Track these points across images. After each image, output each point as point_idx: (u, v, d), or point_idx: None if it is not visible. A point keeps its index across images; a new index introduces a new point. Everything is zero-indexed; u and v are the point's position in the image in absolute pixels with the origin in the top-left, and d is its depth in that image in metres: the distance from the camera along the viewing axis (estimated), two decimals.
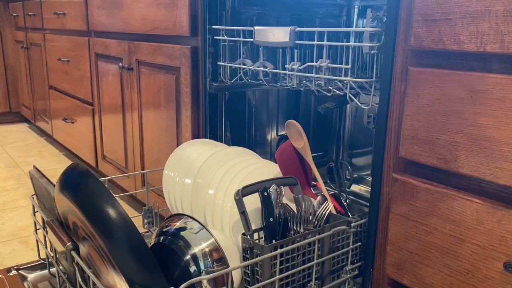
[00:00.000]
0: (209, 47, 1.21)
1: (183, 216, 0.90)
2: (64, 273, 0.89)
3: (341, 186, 1.24)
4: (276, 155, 1.04)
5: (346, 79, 0.90)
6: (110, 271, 0.73)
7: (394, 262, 0.85)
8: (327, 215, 0.90)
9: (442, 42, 0.71)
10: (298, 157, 1.07)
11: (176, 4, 1.29)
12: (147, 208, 1.15)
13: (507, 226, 0.67)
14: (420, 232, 0.79)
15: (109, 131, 1.93)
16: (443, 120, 0.73)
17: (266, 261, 0.80)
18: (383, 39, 0.83)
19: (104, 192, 0.72)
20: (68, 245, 0.79)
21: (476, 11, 0.66)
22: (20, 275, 1.08)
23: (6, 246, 1.58)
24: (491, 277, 0.70)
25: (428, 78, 0.74)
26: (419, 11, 0.73)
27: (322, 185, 1.03)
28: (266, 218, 0.85)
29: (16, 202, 1.96)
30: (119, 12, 1.62)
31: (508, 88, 0.64)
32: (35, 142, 2.93)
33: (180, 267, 0.82)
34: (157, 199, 1.23)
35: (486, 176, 0.69)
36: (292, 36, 0.98)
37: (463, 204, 0.72)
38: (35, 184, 0.96)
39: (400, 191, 0.81)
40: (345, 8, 1.38)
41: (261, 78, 1.10)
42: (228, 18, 1.23)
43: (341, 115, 1.46)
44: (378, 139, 0.86)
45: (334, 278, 0.93)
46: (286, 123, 1.06)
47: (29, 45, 2.87)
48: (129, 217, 0.71)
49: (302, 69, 0.99)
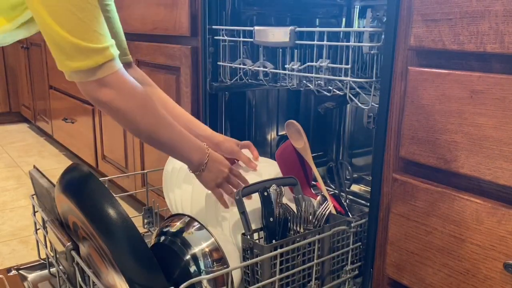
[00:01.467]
0: (209, 47, 1.21)
1: (183, 216, 0.90)
2: (64, 273, 0.89)
3: (341, 186, 1.24)
4: (276, 155, 1.04)
5: (346, 79, 0.90)
6: (110, 271, 0.73)
7: (394, 262, 0.85)
8: (327, 215, 0.90)
9: (442, 42, 0.71)
10: (298, 157, 1.07)
11: (176, 4, 1.29)
12: (147, 208, 1.15)
13: (507, 226, 0.67)
14: (420, 232, 0.79)
15: (109, 131, 1.93)
16: (443, 120, 0.73)
17: (266, 261, 0.80)
18: (383, 39, 0.83)
19: (104, 192, 0.72)
20: (68, 245, 0.79)
21: (476, 11, 0.66)
22: (20, 275, 1.08)
23: (6, 246, 1.58)
24: (491, 277, 0.70)
25: (428, 78, 0.74)
26: (419, 11, 0.73)
27: (322, 185, 1.03)
28: (266, 218, 0.85)
29: (16, 202, 1.96)
30: (119, 12, 1.61)
31: (508, 88, 0.64)
32: (35, 142, 2.93)
33: (180, 267, 0.82)
34: (157, 199, 1.23)
35: (486, 176, 0.69)
36: (292, 36, 0.98)
37: (463, 204, 0.72)
38: (35, 184, 0.96)
39: (400, 191, 0.81)
40: (345, 8, 1.37)
41: (261, 78, 1.11)
42: (228, 18, 1.23)
43: (341, 115, 1.46)
44: (378, 139, 0.86)
45: (334, 278, 0.93)
46: (286, 123, 1.06)
47: (29, 45, 2.87)
48: (129, 217, 0.71)
49: (302, 69, 0.99)
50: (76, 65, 0.72)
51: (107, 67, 0.74)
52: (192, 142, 0.88)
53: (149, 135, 0.82)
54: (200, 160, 0.89)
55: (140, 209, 1.18)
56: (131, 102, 0.77)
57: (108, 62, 0.74)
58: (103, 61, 0.73)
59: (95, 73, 0.73)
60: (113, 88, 0.75)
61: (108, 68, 0.74)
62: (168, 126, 0.84)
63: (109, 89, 0.75)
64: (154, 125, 0.81)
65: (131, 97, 0.77)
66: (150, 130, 0.81)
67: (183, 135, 0.87)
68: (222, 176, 0.92)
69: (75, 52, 0.71)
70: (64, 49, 0.71)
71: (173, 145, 0.86)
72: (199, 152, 0.89)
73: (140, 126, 0.80)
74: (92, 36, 0.71)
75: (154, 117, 0.81)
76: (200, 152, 0.89)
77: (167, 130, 0.83)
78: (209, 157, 0.90)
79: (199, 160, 0.88)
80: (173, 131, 0.85)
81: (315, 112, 1.50)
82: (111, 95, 0.75)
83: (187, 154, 0.87)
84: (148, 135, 0.82)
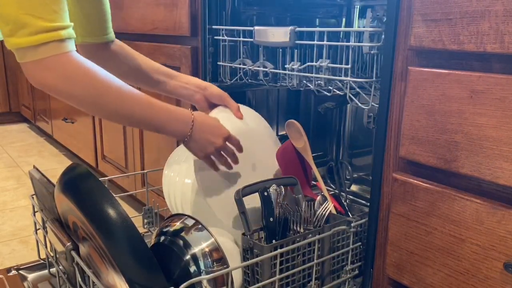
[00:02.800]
0: (209, 47, 1.21)
1: (183, 216, 0.89)
2: (64, 273, 0.89)
3: (341, 186, 1.24)
4: (276, 155, 1.04)
5: (346, 79, 0.90)
6: (110, 271, 0.73)
7: (394, 262, 0.85)
8: (327, 215, 0.90)
9: (442, 42, 0.71)
10: (298, 157, 1.07)
11: (176, 4, 1.29)
12: (147, 208, 1.15)
13: (507, 226, 0.67)
14: (420, 232, 0.79)
15: (109, 131, 1.93)
16: (443, 120, 0.73)
17: (266, 261, 0.80)
18: (383, 39, 0.83)
19: (104, 192, 0.72)
20: (68, 245, 0.79)
21: (476, 11, 0.66)
22: (20, 275, 1.08)
23: (6, 246, 1.58)
24: (491, 277, 0.70)
25: (428, 78, 0.74)
26: (419, 11, 0.73)
27: (322, 185, 1.03)
28: (266, 218, 0.85)
29: (16, 202, 1.96)
30: (119, 12, 1.62)
31: (508, 88, 0.64)
32: (35, 142, 2.93)
33: (180, 267, 0.82)
34: (157, 199, 1.23)
35: (486, 176, 0.69)
36: (292, 36, 0.98)
37: (463, 204, 0.72)
38: (35, 184, 0.96)
39: (400, 191, 0.81)
40: (345, 8, 1.37)
41: (261, 78, 1.11)
42: (228, 18, 1.23)
43: (341, 115, 1.46)
44: (378, 139, 0.86)
45: (334, 278, 0.93)
46: (287, 123, 1.06)
47: None
48: (129, 217, 0.71)
49: (302, 69, 0.99)
50: (17, 42, 0.66)
51: (51, 47, 0.67)
52: (170, 113, 0.83)
53: (111, 117, 0.78)
54: (183, 132, 0.84)
55: (140, 209, 1.18)
56: (79, 87, 0.71)
57: (54, 42, 0.67)
58: (47, 40, 0.67)
59: (37, 51, 0.67)
60: (56, 72, 0.69)
61: (52, 49, 0.67)
62: (135, 104, 0.78)
63: (51, 72, 0.69)
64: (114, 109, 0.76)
65: (78, 82, 0.71)
66: (111, 113, 0.76)
67: (154, 108, 0.81)
68: (213, 147, 0.87)
69: (19, 26, 0.65)
70: (8, 22, 0.65)
71: (145, 122, 0.81)
72: (180, 122, 0.84)
73: (97, 111, 0.75)
74: (43, 11, 0.65)
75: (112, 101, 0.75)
76: (181, 122, 0.84)
77: (134, 108, 0.78)
78: (193, 127, 0.84)
79: (181, 131, 0.84)
80: (141, 107, 0.79)
81: (315, 112, 1.50)
82: (53, 79, 0.69)
83: (164, 126, 0.82)
84: (110, 116, 0.77)
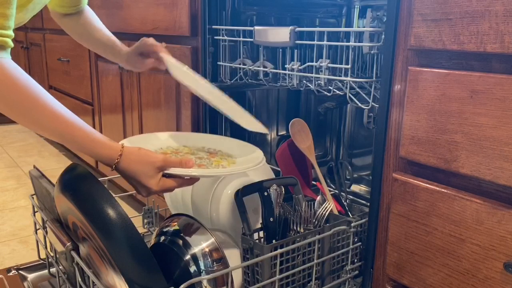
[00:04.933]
0: (209, 47, 1.21)
1: (183, 216, 0.89)
2: (64, 273, 0.89)
3: (341, 186, 1.24)
4: (276, 155, 1.04)
5: (346, 79, 0.90)
6: (110, 271, 0.73)
7: (394, 262, 0.85)
8: (327, 215, 0.90)
9: (442, 42, 0.71)
10: (299, 157, 1.07)
11: (176, 4, 1.29)
12: (147, 208, 1.15)
13: (507, 226, 0.67)
14: (420, 232, 0.79)
15: (109, 131, 1.93)
16: (443, 120, 0.73)
17: (266, 261, 0.80)
18: (383, 39, 0.83)
19: (103, 192, 0.72)
20: (68, 245, 0.79)
21: (476, 11, 0.66)
22: (20, 275, 1.08)
23: (6, 246, 1.58)
24: (491, 277, 0.70)
25: (428, 78, 0.74)
26: (419, 11, 0.73)
27: (324, 185, 1.03)
28: (266, 218, 0.85)
29: (16, 202, 1.96)
30: (119, 12, 1.62)
31: (508, 88, 0.64)
32: (35, 142, 2.93)
33: (180, 267, 0.82)
34: (157, 199, 1.23)
35: (486, 176, 0.69)
36: (292, 36, 0.98)
37: (463, 204, 0.72)
38: (35, 184, 0.96)
39: (400, 191, 0.81)
40: (345, 8, 1.37)
41: (261, 78, 1.10)
42: (228, 18, 1.23)
43: (341, 115, 1.46)
44: (378, 139, 0.86)
45: (334, 278, 0.93)
46: (291, 122, 1.06)
47: (29, 45, 2.87)
48: (129, 217, 0.71)
49: (302, 69, 0.99)
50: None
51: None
52: (94, 140, 0.76)
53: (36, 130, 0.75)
54: (109, 161, 0.77)
55: (140, 209, 1.18)
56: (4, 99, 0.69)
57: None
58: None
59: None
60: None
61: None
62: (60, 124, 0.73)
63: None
64: (36, 123, 0.73)
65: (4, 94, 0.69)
66: (35, 127, 0.73)
67: (76, 132, 0.75)
68: (149, 191, 0.79)
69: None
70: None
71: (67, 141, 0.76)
72: (107, 149, 0.77)
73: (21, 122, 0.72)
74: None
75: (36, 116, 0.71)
76: (108, 149, 0.77)
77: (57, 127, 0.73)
78: (119, 163, 0.77)
79: (107, 157, 0.77)
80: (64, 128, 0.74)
81: (315, 112, 1.50)
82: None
83: (89, 151, 0.77)
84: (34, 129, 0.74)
